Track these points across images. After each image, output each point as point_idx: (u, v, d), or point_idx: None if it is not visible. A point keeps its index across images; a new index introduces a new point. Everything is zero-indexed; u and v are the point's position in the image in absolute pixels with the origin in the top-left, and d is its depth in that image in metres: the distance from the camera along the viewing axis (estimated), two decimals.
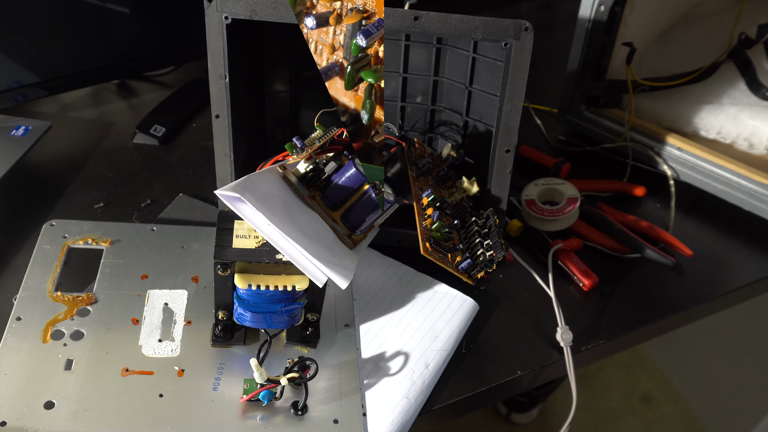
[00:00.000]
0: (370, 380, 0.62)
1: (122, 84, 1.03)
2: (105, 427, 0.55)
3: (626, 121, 0.88)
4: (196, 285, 0.67)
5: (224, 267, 0.56)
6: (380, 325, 0.67)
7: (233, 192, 0.53)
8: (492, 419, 1.55)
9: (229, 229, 0.59)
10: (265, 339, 0.59)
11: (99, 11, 0.83)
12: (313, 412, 0.58)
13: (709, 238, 0.83)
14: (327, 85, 0.61)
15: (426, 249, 0.60)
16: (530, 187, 0.82)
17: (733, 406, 1.50)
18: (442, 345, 0.65)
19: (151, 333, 0.62)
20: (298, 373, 0.57)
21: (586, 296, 0.74)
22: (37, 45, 0.82)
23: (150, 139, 0.91)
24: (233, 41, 0.63)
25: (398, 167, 0.63)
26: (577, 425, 0.69)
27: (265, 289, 0.57)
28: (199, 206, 0.80)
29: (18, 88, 0.82)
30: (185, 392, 0.58)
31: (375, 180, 0.60)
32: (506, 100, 0.63)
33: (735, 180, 0.81)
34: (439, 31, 0.61)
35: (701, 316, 0.78)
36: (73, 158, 0.88)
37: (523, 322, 0.71)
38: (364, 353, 0.64)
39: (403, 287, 0.71)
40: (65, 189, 0.82)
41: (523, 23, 0.60)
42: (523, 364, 0.67)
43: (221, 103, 0.65)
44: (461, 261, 0.62)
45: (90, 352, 0.60)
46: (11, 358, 0.58)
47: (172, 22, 0.90)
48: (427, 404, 0.63)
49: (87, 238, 0.69)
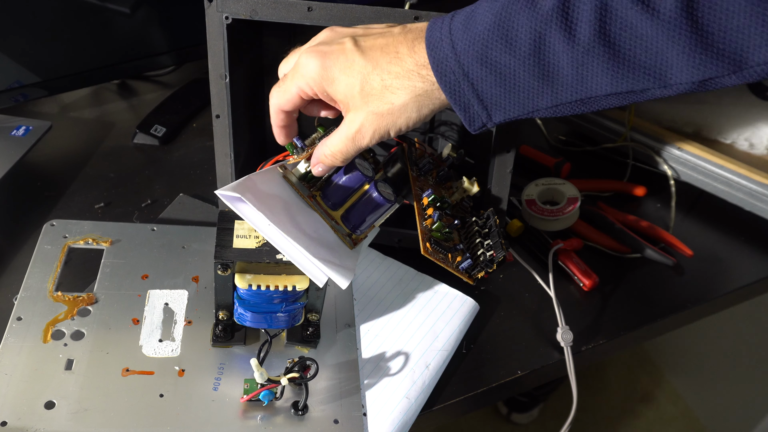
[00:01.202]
0: (370, 380, 0.62)
1: (122, 84, 1.03)
2: (105, 427, 0.55)
3: (626, 121, 0.88)
4: (196, 285, 0.67)
5: (224, 267, 0.56)
6: (380, 325, 0.67)
7: (233, 192, 0.53)
8: (492, 419, 1.55)
9: (230, 229, 0.59)
10: (266, 339, 0.59)
11: (99, 11, 0.83)
12: (314, 412, 0.58)
13: (709, 238, 0.83)
14: None
15: (426, 249, 0.60)
16: (530, 187, 0.82)
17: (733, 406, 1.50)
18: (442, 345, 0.65)
19: (152, 333, 0.62)
20: (299, 373, 0.57)
21: (587, 296, 0.74)
22: (38, 45, 0.82)
23: (150, 139, 0.91)
24: (233, 41, 0.63)
25: (398, 167, 0.63)
26: (577, 425, 0.69)
27: (265, 289, 0.57)
28: (199, 206, 0.80)
29: (18, 88, 0.82)
30: (185, 392, 0.58)
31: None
32: None
33: (735, 180, 0.81)
34: None
35: (701, 316, 0.78)
36: (73, 158, 0.88)
37: (524, 322, 0.71)
38: (364, 353, 0.64)
39: (403, 287, 0.71)
40: (66, 189, 0.82)
41: None
42: (524, 364, 0.67)
43: (221, 103, 0.65)
44: (461, 261, 0.62)
45: (90, 352, 0.60)
46: (12, 358, 0.58)
47: (172, 22, 0.90)
48: (428, 404, 0.63)
49: (87, 238, 0.69)
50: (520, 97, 0.46)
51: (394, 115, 0.50)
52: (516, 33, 0.44)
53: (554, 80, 0.45)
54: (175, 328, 0.63)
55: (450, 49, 0.47)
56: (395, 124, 0.51)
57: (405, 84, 0.49)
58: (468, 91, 0.47)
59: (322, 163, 0.56)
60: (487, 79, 0.46)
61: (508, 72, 0.46)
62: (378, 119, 0.50)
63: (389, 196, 0.60)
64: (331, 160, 0.55)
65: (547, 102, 0.46)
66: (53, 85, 0.86)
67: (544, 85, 0.45)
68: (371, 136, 0.52)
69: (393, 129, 0.51)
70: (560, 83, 0.45)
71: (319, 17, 0.60)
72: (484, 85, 0.47)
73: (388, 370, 0.63)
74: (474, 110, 0.48)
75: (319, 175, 0.58)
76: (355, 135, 0.52)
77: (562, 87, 0.45)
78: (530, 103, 0.47)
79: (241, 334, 0.63)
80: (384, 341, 0.65)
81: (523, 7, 0.44)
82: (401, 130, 0.51)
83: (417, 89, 0.49)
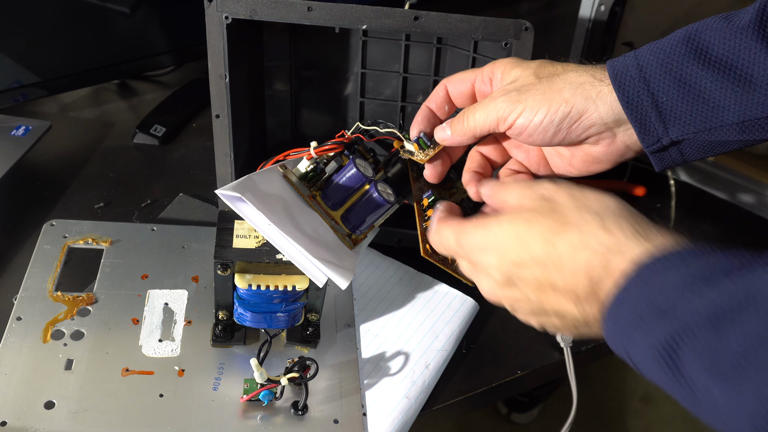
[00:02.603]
0: (370, 380, 0.62)
1: (122, 84, 1.03)
2: (105, 427, 0.55)
3: None
4: (196, 285, 0.67)
5: (224, 267, 0.56)
6: (380, 325, 0.67)
7: (234, 191, 0.53)
8: (492, 419, 1.55)
9: (230, 229, 0.59)
10: (266, 339, 0.59)
11: (99, 11, 0.83)
12: (314, 412, 0.58)
13: (709, 238, 0.83)
14: None
15: (426, 250, 0.60)
16: None
17: None
18: (442, 345, 0.65)
19: (152, 333, 0.62)
20: (299, 373, 0.57)
21: None
22: (37, 45, 0.82)
23: (150, 139, 0.91)
24: (233, 41, 0.63)
25: (398, 167, 0.63)
26: (577, 425, 0.69)
27: (265, 289, 0.57)
28: (199, 206, 0.80)
29: (18, 88, 0.82)
30: (185, 392, 0.58)
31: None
32: None
33: (735, 180, 0.81)
34: (440, 31, 0.61)
35: None
36: (73, 158, 0.88)
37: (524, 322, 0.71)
38: (364, 353, 0.64)
39: (403, 287, 0.71)
40: (65, 189, 0.82)
41: (523, 23, 0.60)
42: (524, 364, 0.67)
43: (221, 102, 0.65)
44: None
45: (90, 352, 0.60)
46: (12, 358, 0.58)
47: (172, 22, 0.90)
48: (428, 404, 0.62)
49: (87, 238, 0.69)
50: (704, 109, 0.44)
51: None
52: (709, 44, 0.43)
53: (747, 91, 0.42)
54: (175, 328, 0.63)
55: (632, 59, 0.45)
56: None
57: None
58: (647, 102, 0.45)
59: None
60: (669, 89, 0.44)
61: (694, 81, 0.43)
62: None
63: (389, 196, 0.60)
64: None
65: (734, 116, 0.43)
66: (53, 85, 0.86)
67: (735, 96, 0.42)
68: None
69: None
70: (753, 95, 0.42)
71: (319, 17, 0.60)
72: (666, 96, 0.44)
73: (388, 370, 0.63)
74: (651, 123, 0.46)
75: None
76: None
77: (756, 99, 0.42)
78: (715, 117, 0.44)
79: (240, 334, 0.63)
80: (384, 341, 0.65)
81: (717, 21, 0.43)
82: None
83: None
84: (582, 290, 0.38)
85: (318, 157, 0.60)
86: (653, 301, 0.33)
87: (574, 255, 0.38)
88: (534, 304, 0.42)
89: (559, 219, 0.40)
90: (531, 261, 0.40)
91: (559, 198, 0.41)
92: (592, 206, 0.40)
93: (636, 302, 0.34)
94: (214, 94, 0.65)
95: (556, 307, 0.40)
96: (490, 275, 0.44)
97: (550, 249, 0.39)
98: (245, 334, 0.63)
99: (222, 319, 0.61)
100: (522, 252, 0.41)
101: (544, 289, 0.40)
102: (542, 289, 0.40)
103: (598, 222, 0.38)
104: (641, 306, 0.34)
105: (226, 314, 0.61)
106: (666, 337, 0.32)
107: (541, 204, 0.42)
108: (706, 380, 0.31)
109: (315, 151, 0.59)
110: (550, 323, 0.43)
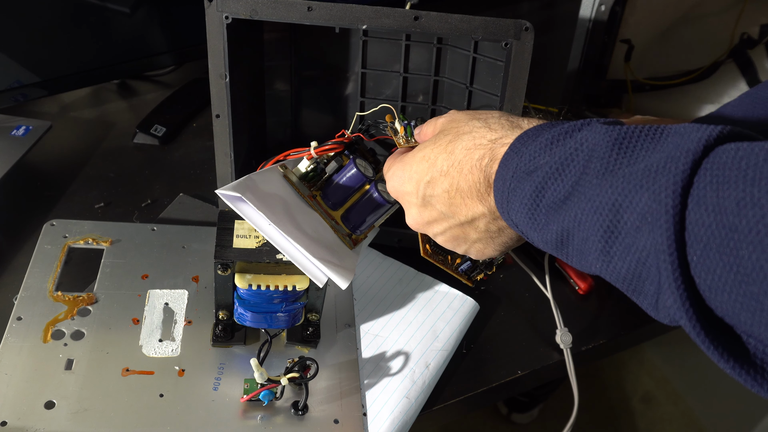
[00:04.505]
0: (370, 380, 0.62)
1: (122, 84, 1.03)
2: (105, 427, 0.55)
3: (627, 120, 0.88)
4: (196, 285, 0.67)
5: (225, 267, 0.56)
6: (381, 325, 0.67)
7: (234, 191, 0.53)
8: (493, 419, 1.55)
9: (230, 229, 0.59)
10: (266, 339, 0.59)
11: (99, 11, 0.83)
12: (314, 412, 0.58)
13: None
14: None
15: (426, 251, 0.60)
16: None
17: (733, 406, 1.50)
18: (442, 345, 0.65)
19: (152, 333, 0.62)
20: (299, 373, 0.57)
21: (586, 297, 0.74)
22: (38, 45, 0.82)
23: (150, 139, 0.91)
24: (233, 41, 0.63)
25: None
26: (577, 425, 0.69)
27: (265, 289, 0.57)
28: (199, 206, 0.80)
29: (18, 87, 0.82)
30: (185, 392, 0.58)
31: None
32: (506, 99, 0.63)
33: None
34: (440, 31, 0.61)
35: None
36: (73, 158, 0.88)
37: (524, 323, 0.71)
38: (364, 353, 0.64)
39: (403, 287, 0.71)
40: (66, 189, 0.82)
41: (523, 23, 0.60)
42: (524, 364, 0.67)
43: (221, 102, 0.65)
44: (461, 263, 0.62)
45: (90, 351, 0.60)
46: (12, 358, 0.58)
47: (172, 22, 0.90)
48: (428, 404, 0.63)
49: (87, 238, 0.69)
50: None
51: None
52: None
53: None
54: (175, 328, 0.63)
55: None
56: None
57: None
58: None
59: None
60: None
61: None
62: None
63: (389, 196, 0.60)
64: None
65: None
66: (53, 85, 0.86)
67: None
68: None
69: None
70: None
71: (319, 17, 0.60)
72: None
73: (388, 370, 0.63)
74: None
75: None
76: None
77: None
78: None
79: (241, 334, 0.63)
80: (384, 341, 0.65)
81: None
82: None
83: None
84: (482, 183, 0.44)
85: (318, 157, 0.60)
86: (522, 166, 0.40)
87: (469, 155, 0.45)
88: (450, 221, 0.48)
89: (455, 132, 0.47)
90: (439, 175, 0.47)
91: (456, 116, 0.49)
92: (480, 116, 0.48)
93: (513, 171, 0.41)
94: (214, 94, 0.65)
95: (467, 213, 0.46)
96: (411, 202, 0.50)
97: (450, 157, 0.46)
98: (245, 334, 0.63)
99: (222, 319, 0.61)
100: (431, 170, 0.47)
101: (452, 198, 0.46)
102: (451, 197, 0.46)
103: (484, 125, 0.46)
104: (514, 171, 0.41)
105: (226, 314, 0.61)
106: (531, 192, 0.39)
107: (444, 126, 0.49)
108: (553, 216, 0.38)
109: (315, 151, 0.59)
110: (470, 240, 0.48)
